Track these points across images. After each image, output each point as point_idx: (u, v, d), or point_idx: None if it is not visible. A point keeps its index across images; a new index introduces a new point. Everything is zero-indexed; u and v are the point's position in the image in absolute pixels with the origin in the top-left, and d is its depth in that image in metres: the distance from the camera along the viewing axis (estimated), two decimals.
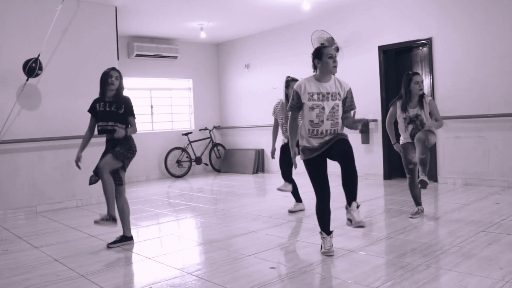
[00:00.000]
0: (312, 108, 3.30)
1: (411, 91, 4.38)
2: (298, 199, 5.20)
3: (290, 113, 3.48)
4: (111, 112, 3.96)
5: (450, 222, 4.30)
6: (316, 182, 3.41)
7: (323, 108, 3.29)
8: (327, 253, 3.41)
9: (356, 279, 2.94)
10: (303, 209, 5.16)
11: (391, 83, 7.35)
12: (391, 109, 4.58)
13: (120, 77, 4.03)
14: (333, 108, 3.31)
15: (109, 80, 3.97)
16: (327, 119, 3.30)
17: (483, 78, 6.16)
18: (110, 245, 3.99)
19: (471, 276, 2.83)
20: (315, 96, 3.30)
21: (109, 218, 3.92)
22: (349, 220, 3.24)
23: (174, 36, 9.26)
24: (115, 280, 3.14)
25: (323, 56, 3.30)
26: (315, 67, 3.40)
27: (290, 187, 5.08)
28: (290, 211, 5.11)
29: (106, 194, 3.90)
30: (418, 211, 4.60)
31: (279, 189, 5.14)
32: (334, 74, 3.38)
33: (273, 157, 5.23)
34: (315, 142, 3.34)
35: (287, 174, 5.07)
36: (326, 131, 3.32)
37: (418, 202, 4.64)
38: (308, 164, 3.41)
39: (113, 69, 4.07)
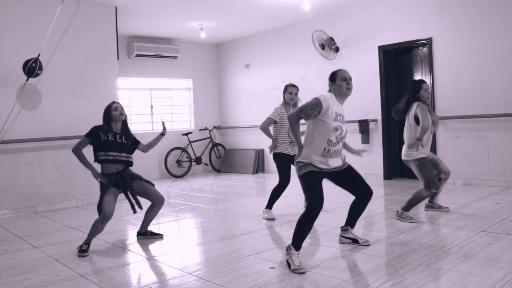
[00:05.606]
0: (336, 129, 3.22)
1: (419, 98, 4.31)
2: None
3: (294, 115, 3.22)
4: (123, 144, 4.03)
5: (450, 222, 4.30)
6: (317, 192, 3.19)
7: (342, 130, 3.27)
8: (299, 270, 3.07)
9: (356, 279, 2.94)
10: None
11: (391, 83, 7.34)
12: (421, 108, 4.23)
13: (123, 108, 4.09)
14: (344, 130, 3.34)
15: (117, 112, 4.00)
16: (340, 141, 3.31)
17: (483, 78, 6.16)
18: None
19: (471, 276, 2.83)
20: (338, 117, 3.26)
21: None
22: (352, 239, 3.67)
23: (174, 36, 9.25)
24: (115, 280, 3.14)
25: (337, 79, 3.31)
26: (330, 90, 3.38)
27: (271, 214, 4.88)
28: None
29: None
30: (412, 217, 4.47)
31: (265, 218, 4.87)
32: (347, 96, 3.35)
33: (275, 147, 4.85)
34: (325, 161, 3.24)
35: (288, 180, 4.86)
36: (337, 150, 3.30)
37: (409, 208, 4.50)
38: (309, 175, 3.22)
39: (115, 102, 4.11)
